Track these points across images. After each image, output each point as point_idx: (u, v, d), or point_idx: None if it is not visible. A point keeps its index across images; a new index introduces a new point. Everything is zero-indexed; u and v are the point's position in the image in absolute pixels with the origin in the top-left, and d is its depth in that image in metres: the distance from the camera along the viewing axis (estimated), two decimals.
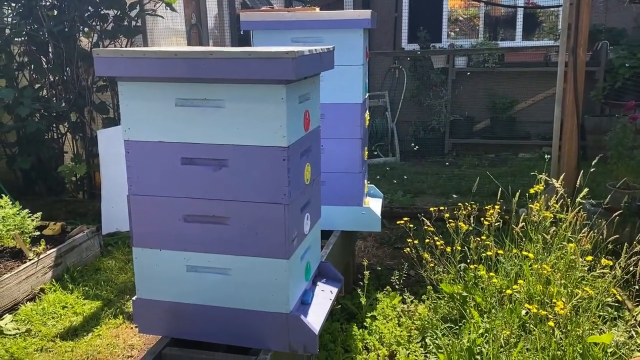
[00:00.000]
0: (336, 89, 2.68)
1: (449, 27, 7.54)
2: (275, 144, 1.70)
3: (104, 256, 3.76)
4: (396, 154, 6.65)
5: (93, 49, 1.66)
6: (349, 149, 2.80)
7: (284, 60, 1.59)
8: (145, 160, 1.79)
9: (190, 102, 1.72)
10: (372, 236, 4.08)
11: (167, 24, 5.08)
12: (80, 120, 4.76)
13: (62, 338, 2.80)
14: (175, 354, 1.88)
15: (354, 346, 2.59)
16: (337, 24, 2.66)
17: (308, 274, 2.04)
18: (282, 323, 1.82)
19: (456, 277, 2.84)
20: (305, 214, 1.95)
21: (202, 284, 1.85)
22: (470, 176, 5.63)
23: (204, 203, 1.79)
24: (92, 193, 4.87)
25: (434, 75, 7.03)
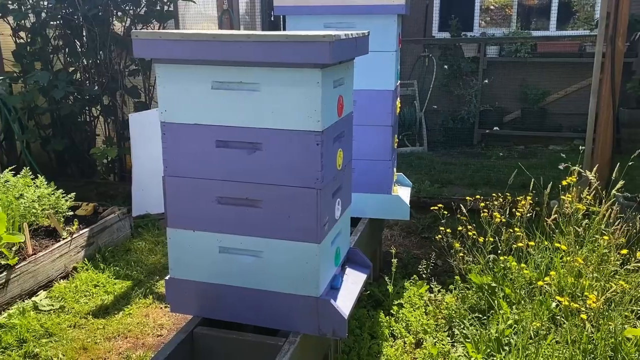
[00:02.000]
0: (368, 76, 2.66)
1: (481, 16, 7.42)
2: (309, 129, 1.71)
3: (134, 237, 3.83)
4: (424, 143, 6.59)
5: (132, 31, 1.68)
6: (379, 136, 2.79)
7: (321, 44, 1.58)
8: (181, 142, 1.81)
9: (227, 85, 1.73)
10: (398, 225, 4.07)
11: (199, 9, 5.11)
12: (112, 103, 4.83)
13: (94, 315, 2.87)
14: (206, 333, 1.92)
15: (380, 333, 2.60)
16: (371, 10, 2.64)
17: (338, 259, 2.05)
18: (311, 306, 1.83)
19: (485, 267, 2.82)
20: (337, 200, 1.96)
21: (233, 265, 1.87)
22: (499, 167, 5.56)
23: (238, 185, 1.81)
24: (122, 175, 4.95)
25: (464, 64, 6.93)
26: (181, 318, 2.83)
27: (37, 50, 4.78)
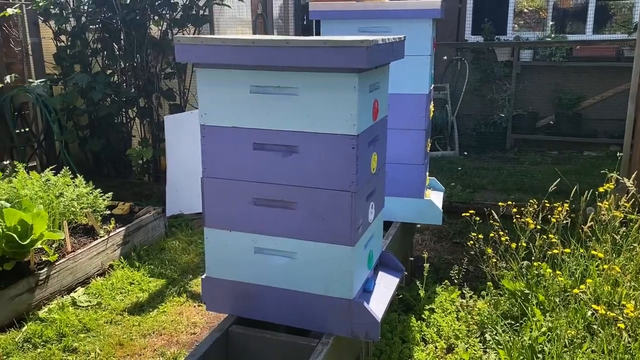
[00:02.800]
0: (403, 79, 2.66)
1: (514, 19, 7.33)
2: (345, 132, 1.73)
3: (168, 237, 3.91)
4: (455, 147, 6.54)
5: (174, 36, 1.73)
6: (412, 140, 2.78)
7: (359, 49, 1.60)
8: (219, 144, 1.85)
9: (265, 89, 1.76)
10: (429, 230, 4.05)
11: (233, 13, 5.19)
12: (148, 105, 4.94)
13: (130, 312, 2.94)
14: (240, 332, 1.95)
15: (411, 337, 2.59)
16: (406, 14, 2.65)
17: (371, 263, 2.06)
18: (345, 309, 1.85)
19: (518, 274, 2.79)
20: (370, 203, 1.97)
21: (268, 266, 1.90)
22: (532, 173, 5.49)
23: (273, 187, 1.84)
24: (157, 176, 5.05)
25: (497, 68, 6.86)
26: (214, 317, 2.88)
27: (76, 53, 4.92)
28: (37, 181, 3.50)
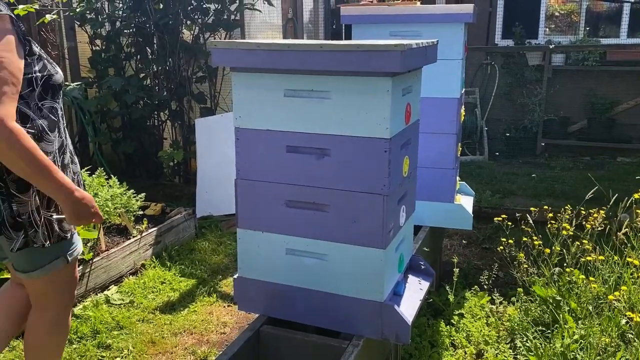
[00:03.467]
0: (434, 83, 2.66)
1: (545, 23, 7.23)
2: (378, 135, 1.74)
3: (198, 238, 3.96)
4: (484, 152, 6.48)
5: (211, 41, 1.77)
6: (443, 144, 2.78)
7: (393, 53, 1.62)
8: (253, 147, 1.88)
9: (298, 92, 1.79)
10: (458, 235, 4.03)
11: (264, 18, 5.25)
12: (179, 108, 5.03)
13: (161, 311, 3.00)
14: (271, 332, 1.98)
15: (440, 342, 2.59)
16: (438, 18, 2.65)
17: (401, 266, 2.06)
18: (375, 311, 1.86)
19: (550, 280, 2.76)
20: (402, 206, 1.98)
21: (299, 267, 1.92)
22: (564, 179, 5.40)
23: (306, 190, 1.86)
24: (187, 178, 5.13)
25: (528, 72, 6.78)
26: (243, 317, 2.91)
27: (111, 57, 5.04)
28: None
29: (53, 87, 1.77)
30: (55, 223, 1.80)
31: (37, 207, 1.75)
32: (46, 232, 1.77)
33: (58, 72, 1.81)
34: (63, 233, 1.82)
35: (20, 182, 1.71)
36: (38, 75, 1.72)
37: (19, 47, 1.63)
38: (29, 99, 1.70)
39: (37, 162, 1.58)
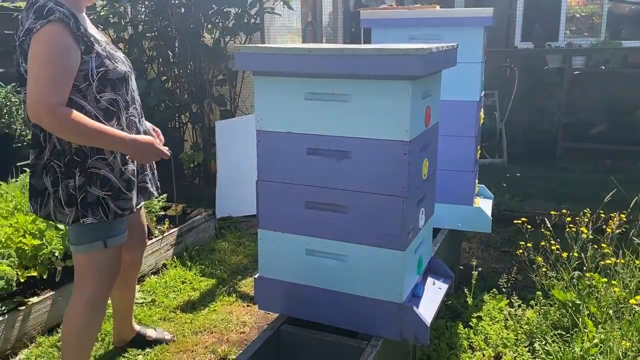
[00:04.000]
0: (454, 86, 2.67)
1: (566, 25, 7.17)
2: (397, 138, 1.76)
3: (218, 238, 4.02)
4: (503, 155, 6.44)
5: (234, 45, 1.81)
6: (462, 147, 2.79)
7: (414, 57, 1.64)
8: (274, 149, 1.92)
9: (319, 96, 1.82)
10: (477, 238, 4.02)
11: (284, 21, 5.30)
12: (200, 111, 5.10)
13: (182, 310, 3.04)
14: (290, 331, 2.01)
15: (458, 344, 2.59)
16: (457, 22, 2.66)
17: (420, 268, 2.08)
18: (394, 312, 1.88)
19: (569, 284, 2.75)
20: (421, 209, 2.00)
21: (319, 267, 1.96)
22: (584, 182, 5.35)
23: (325, 191, 1.89)
24: (207, 179, 5.20)
25: (547, 75, 6.72)
26: (262, 317, 2.95)
27: (133, 61, 5.10)
28: None
29: (111, 82, 1.98)
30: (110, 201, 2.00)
31: (83, 185, 1.95)
32: (90, 212, 1.96)
33: (117, 68, 1.99)
34: (119, 211, 2.02)
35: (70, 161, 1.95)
36: (94, 71, 1.92)
37: (71, 47, 1.85)
38: (86, 92, 1.92)
39: (90, 131, 1.86)
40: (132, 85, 2.10)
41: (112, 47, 2.07)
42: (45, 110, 1.79)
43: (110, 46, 2.06)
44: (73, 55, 1.86)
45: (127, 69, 2.06)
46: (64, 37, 1.83)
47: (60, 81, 1.82)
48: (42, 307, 2.74)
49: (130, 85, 2.08)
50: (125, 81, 2.04)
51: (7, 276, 2.52)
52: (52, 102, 1.79)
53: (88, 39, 1.92)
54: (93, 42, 1.94)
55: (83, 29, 1.92)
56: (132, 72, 2.12)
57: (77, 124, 1.83)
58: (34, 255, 2.80)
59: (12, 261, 2.63)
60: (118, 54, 2.08)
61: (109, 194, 1.99)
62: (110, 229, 2.04)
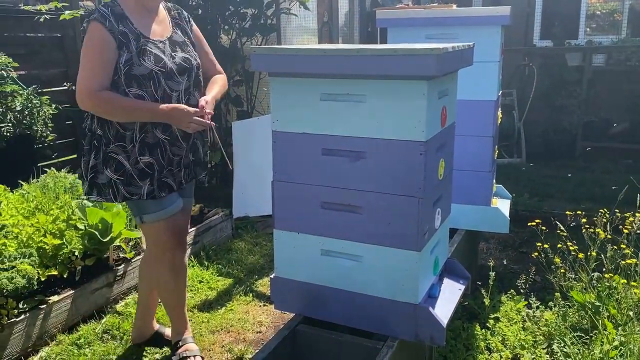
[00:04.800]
0: (471, 86, 2.66)
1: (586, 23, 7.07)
2: (413, 138, 1.76)
3: (235, 238, 4.04)
4: (522, 155, 6.38)
5: (250, 47, 1.82)
6: (479, 147, 2.77)
7: (429, 57, 1.63)
8: (290, 149, 1.92)
9: (334, 96, 1.82)
10: (495, 238, 3.99)
11: (300, 22, 5.31)
12: (217, 111, 5.12)
13: (199, 309, 3.07)
14: (307, 331, 2.01)
15: (475, 345, 2.58)
16: (474, 21, 2.64)
17: (436, 268, 2.07)
18: (410, 313, 1.87)
19: (588, 285, 2.71)
20: (437, 209, 1.99)
21: (334, 268, 1.96)
22: (604, 182, 5.27)
23: (341, 192, 1.89)
24: (224, 179, 5.23)
25: (567, 73, 6.63)
26: (278, 317, 2.96)
27: None
28: None
29: (136, 78, 2.13)
30: (121, 185, 2.21)
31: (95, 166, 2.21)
32: (96, 191, 2.24)
33: (142, 65, 2.14)
34: (127, 195, 2.22)
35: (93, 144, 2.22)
36: (121, 66, 2.12)
37: (107, 41, 2.10)
38: (117, 85, 2.13)
39: (126, 107, 2.12)
40: (166, 83, 2.19)
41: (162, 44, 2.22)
42: (84, 94, 2.08)
43: (160, 44, 2.21)
44: (108, 48, 2.10)
45: (155, 68, 2.15)
46: (100, 32, 2.09)
47: (97, 69, 2.09)
48: (63, 306, 2.78)
49: (163, 83, 2.18)
50: (152, 79, 2.15)
51: (29, 275, 2.56)
52: (89, 87, 2.07)
53: (123, 36, 2.13)
54: (128, 39, 2.13)
55: (122, 26, 2.13)
56: (169, 71, 2.19)
57: (112, 103, 2.10)
58: (54, 254, 2.85)
59: (33, 260, 2.67)
60: (156, 51, 2.18)
61: (120, 179, 2.20)
62: (143, 208, 2.28)
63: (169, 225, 2.33)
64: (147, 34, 2.20)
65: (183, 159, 2.32)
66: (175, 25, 2.34)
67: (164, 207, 2.29)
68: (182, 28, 2.36)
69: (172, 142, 2.26)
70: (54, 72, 5.04)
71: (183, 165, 2.34)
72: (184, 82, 2.24)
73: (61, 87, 5.10)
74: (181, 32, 2.35)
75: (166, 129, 2.22)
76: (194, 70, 2.29)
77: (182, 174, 2.34)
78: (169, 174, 2.29)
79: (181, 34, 2.34)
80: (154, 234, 2.36)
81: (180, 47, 2.28)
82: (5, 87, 4.04)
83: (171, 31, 2.30)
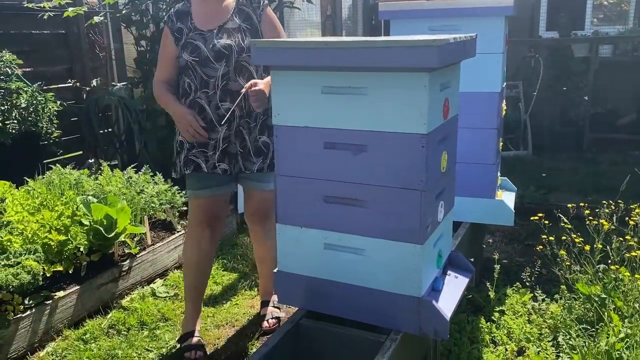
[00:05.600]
0: (474, 78, 2.63)
1: (593, 13, 7.00)
2: (414, 131, 1.74)
3: (240, 233, 4.04)
4: (528, 147, 6.34)
5: (250, 40, 1.81)
6: (483, 139, 2.75)
7: (430, 49, 1.62)
8: (292, 143, 1.91)
9: (336, 89, 1.81)
10: (500, 231, 3.97)
11: (303, 15, 5.29)
12: None
13: (205, 304, 3.07)
14: (310, 325, 2.01)
15: (480, 338, 2.57)
16: (477, 12, 2.62)
17: (440, 262, 2.06)
18: (413, 306, 1.86)
19: (594, 278, 2.70)
20: (440, 202, 1.98)
21: (338, 262, 1.95)
22: (611, 174, 5.23)
23: (343, 185, 1.88)
24: None
25: (573, 64, 6.58)
26: (283, 311, 2.96)
27: (155, 58, 5.17)
28: (120, 178, 3.72)
29: (183, 68, 2.45)
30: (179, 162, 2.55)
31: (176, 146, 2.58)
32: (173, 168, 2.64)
33: (181, 57, 2.43)
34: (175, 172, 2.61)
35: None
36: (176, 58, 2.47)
37: (168, 39, 2.47)
38: (179, 75, 2.50)
39: (161, 100, 2.51)
40: (202, 71, 2.42)
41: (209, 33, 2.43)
42: (153, 83, 2.55)
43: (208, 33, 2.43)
44: (168, 45, 2.47)
45: (189, 58, 2.41)
46: (165, 32, 2.49)
47: (160, 64, 2.51)
48: (68, 301, 2.80)
49: (199, 71, 2.42)
50: (190, 68, 2.43)
51: (34, 271, 2.57)
52: (155, 78, 2.54)
53: (178, 32, 2.45)
54: (181, 34, 2.44)
55: (180, 23, 2.45)
56: (204, 59, 2.41)
57: (157, 94, 2.52)
58: (59, 250, 2.87)
59: (38, 256, 2.68)
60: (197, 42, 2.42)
61: (179, 155, 2.54)
62: (189, 184, 2.56)
63: (201, 204, 2.56)
64: (200, 25, 2.44)
65: (228, 146, 2.48)
66: (237, 12, 2.48)
67: (195, 188, 2.54)
68: (245, 14, 2.48)
69: (207, 125, 2.44)
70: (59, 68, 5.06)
71: (222, 151, 2.47)
72: (221, 68, 2.40)
73: (66, 84, 5.11)
74: (242, 18, 2.47)
75: (202, 111, 2.43)
76: (233, 55, 2.41)
77: (224, 159, 2.48)
78: (200, 154, 2.47)
79: (239, 20, 2.47)
80: (189, 209, 2.63)
81: (228, 33, 2.43)
82: (10, 84, 4.06)
83: (227, 18, 2.46)
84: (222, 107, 2.42)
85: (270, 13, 2.54)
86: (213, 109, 2.43)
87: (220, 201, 2.61)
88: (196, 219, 2.60)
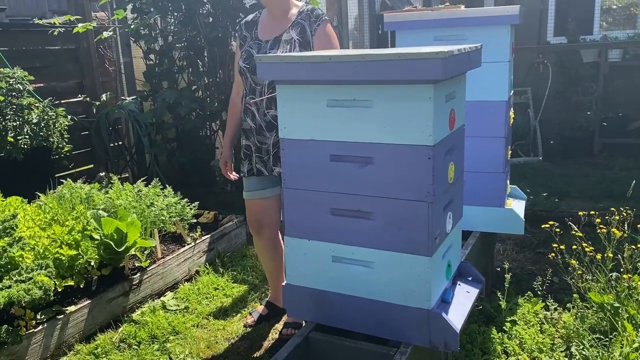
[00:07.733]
0: (481, 86, 2.64)
1: (601, 17, 6.97)
2: (421, 143, 1.74)
3: (250, 244, 4.05)
4: (538, 153, 6.30)
5: (255, 55, 1.82)
6: (492, 148, 2.74)
7: (434, 61, 1.62)
8: (299, 156, 1.92)
9: (341, 102, 1.82)
10: (511, 239, 3.94)
11: None
12: None
13: (215, 316, 3.08)
14: (319, 338, 2.01)
15: (492, 349, 2.54)
16: (483, 21, 2.62)
17: (449, 273, 2.05)
18: (423, 319, 1.86)
19: (606, 286, 2.66)
20: (448, 213, 1.97)
21: (346, 274, 1.95)
22: (623, 179, 5.17)
23: (350, 198, 1.88)
24: (238, 186, 5.24)
25: (583, 70, 6.54)
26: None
27: (164, 71, 5.22)
28: (130, 192, 3.75)
29: (240, 74, 2.64)
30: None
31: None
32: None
33: (239, 62, 2.62)
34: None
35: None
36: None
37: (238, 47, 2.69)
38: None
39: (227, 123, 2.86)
40: (251, 78, 2.57)
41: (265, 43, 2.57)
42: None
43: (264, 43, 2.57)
44: (237, 52, 2.70)
45: (242, 64, 2.59)
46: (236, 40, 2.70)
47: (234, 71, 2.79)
48: (80, 316, 2.81)
49: (249, 78, 2.58)
50: (242, 74, 2.61)
51: (45, 286, 2.59)
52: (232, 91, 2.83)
53: (243, 40, 2.64)
54: (245, 42, 2.62)
55: (246, 32, 2.64)
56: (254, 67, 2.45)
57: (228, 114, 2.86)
58: (70, 265, 2.89)
59: (49, 271, 2.70)
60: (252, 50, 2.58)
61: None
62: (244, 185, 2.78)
63: (249, 206, 2.80)
64: (260, 35, 2.59)
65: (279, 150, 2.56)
66: (294, 25, 2.56)
67: (245, 189, 2.77)
68: (301, 27, 2.55)
69: (257, 130, 2.61)
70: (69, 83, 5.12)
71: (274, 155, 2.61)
72: None
73: (76, 99, 5.17)
74: (297, 31, 2.55)
75: (253, 117, 2.60)
76: None
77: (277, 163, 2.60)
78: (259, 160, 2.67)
79: (295, 32, 2.54)
80: (248, 208, 2.82)
81: (281, 44, 2.53)
82: (22, 100, 4.11)
83: (284, 30, 2.56)
84: (269, 114, 2.57)
85: (328, 29, 2.57)
86: (261, 116, 2.59)
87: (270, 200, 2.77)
88: (248, 221, 2.87)
